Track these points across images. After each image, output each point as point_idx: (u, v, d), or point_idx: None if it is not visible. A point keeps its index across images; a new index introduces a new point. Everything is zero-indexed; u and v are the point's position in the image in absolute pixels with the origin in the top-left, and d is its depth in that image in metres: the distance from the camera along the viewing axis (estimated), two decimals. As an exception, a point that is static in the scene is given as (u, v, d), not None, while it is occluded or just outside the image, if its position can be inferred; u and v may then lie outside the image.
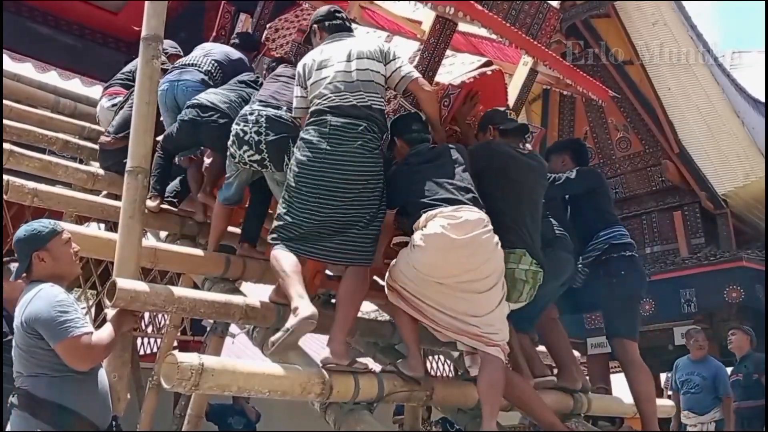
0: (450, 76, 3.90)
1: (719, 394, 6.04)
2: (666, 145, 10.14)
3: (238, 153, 3.41)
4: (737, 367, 6.17)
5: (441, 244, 2.84)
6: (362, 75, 3.11)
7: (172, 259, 3.53)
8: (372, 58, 3.18)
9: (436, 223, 2.88)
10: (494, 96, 3.82)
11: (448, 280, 2.88)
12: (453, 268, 2.88)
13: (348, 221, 2.95)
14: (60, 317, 2.46)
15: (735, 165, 9.53)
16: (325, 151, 2.94)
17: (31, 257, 2.62)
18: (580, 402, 3.83)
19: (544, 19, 4.22)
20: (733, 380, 6.16)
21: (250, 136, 3.33)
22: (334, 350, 2.84)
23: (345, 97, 3.04)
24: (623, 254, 3.62)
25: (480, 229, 2.91)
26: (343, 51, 3.19)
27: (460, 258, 2.87)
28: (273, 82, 3.64)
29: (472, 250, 2.88)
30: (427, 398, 3.19)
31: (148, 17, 3.26)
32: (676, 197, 10.47)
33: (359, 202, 2.96)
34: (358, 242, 2.96)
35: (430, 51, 3.63)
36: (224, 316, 3.17)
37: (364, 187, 2.97)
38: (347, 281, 3.01)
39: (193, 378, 2.37)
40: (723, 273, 9.10)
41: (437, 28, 3.61)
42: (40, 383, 2.48)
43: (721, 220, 9.89)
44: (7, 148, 4.04)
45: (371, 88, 3.11)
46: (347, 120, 2.99)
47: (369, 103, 3.07)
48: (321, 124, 3.00)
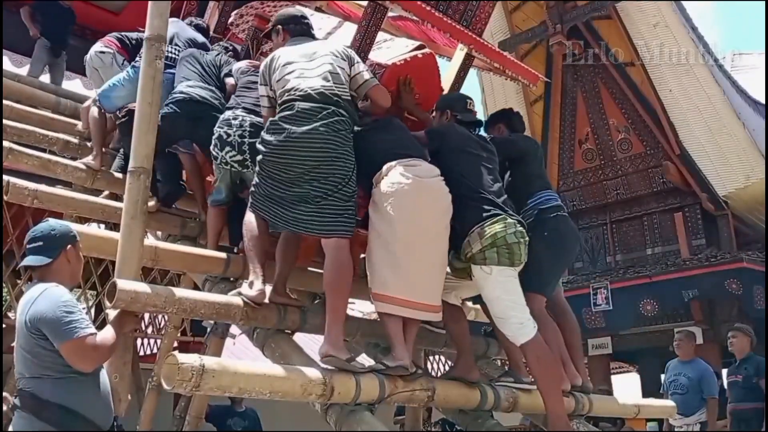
0: (383, 57, 4.09)
1: (704, 395, 6.05)
2: (667, 147, 10.15)
3: (220, 154, 3.54)
4: (737, 369, 6.16)
5: (408, 187, 3.01)
6: (329, 68, 3.20)
7: (173, 257, 3.52)
8: (337, 57, 3.27)
9: (397, 171, 3.07)
10: (427, 78, 4.04)
11: (417, 226, 3.02)
12: (422, 211, 3.04)
13: (313, 193, 3.00)
14: (65, 318, 2.46)
15: (736, 166, 9.54)
16: (291, 132, 3.01)
17: (63, 249, 2.65)
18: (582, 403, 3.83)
19: (478, 7, 4.37)
20: (732, 381, 6.15)
21: (233, 138, 3.49)
22: (331, 342, 2.85)
23: (313, 86, 3.11)
24: (550, 216, 3.67)
25: (437, 175, 3.14)
26: (308, 49, 3.29)
27: (427, 201, 3.06)
28: (251, 90, 3.74)
29: (436, 195, 3.10)
30: (428, 399, 3.18)
31: (151, 17, 3.26)
32: (677, 198, 10.48)
33: (324, 177, 3.00)
34: (324, 212, 3.00)
35: (362, 33, 3.88)
36: (225, 317, 3.16)
37: (330, 165, 3.01)
38: (327, 266, 3.02)
39: (194, 379, 2.36)
40: (724, 274, 9.11)
41: (369, 11, 3.89)
42: (43, 384, 2.48)
43: (721, 221, 9.90)
44: (6, 145, 4.03)
45: (338, 80, 3.19)
46: (314, 104, 3.07)
47: (338, 92, 3.14)
48: (289, 108, 3.08)
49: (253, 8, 5.18)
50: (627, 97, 10.74)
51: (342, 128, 3.08)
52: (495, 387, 3.45)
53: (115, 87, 4.48)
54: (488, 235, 3.11)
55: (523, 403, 3.50)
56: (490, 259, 3.11)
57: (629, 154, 10.90)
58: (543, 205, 3.68)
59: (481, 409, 3.43)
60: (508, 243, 3.12)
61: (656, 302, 9.61)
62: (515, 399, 3.48)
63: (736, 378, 6.10)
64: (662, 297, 9.56)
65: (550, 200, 3.72)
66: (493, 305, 3.23)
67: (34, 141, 4.75)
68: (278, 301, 3.19)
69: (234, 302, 3.09)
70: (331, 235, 3.01)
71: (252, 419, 6.79)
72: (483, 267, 3.14)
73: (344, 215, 3.03)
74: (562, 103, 11.48)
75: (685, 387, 6.12)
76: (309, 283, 3.85)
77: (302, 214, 3.01)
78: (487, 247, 3.10)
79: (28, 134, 4.77)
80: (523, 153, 3.89)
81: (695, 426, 6.04)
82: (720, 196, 9.77)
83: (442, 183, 3.17)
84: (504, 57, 4.73)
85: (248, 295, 3.06)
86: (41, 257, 2.65)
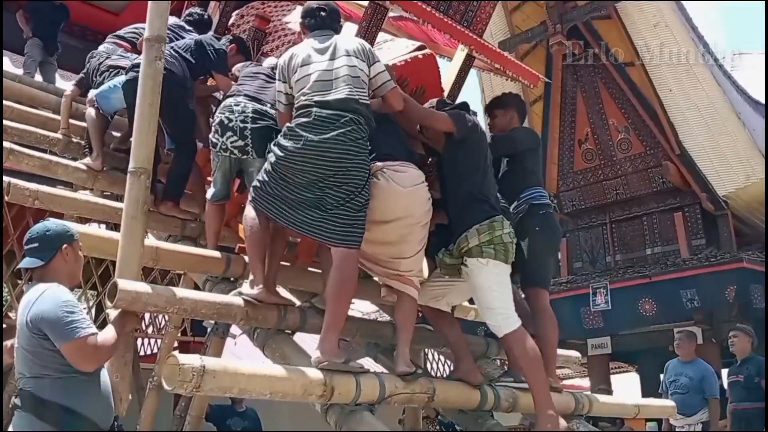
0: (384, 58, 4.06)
1: (706, 395, 6.05)
2: (667, 147, 10.15)
3: (220, 140, 3.53)
4: (738, 369, 6.16)
5: (387, 191, 3.11)
6: (348, 71, 3.13)
7: (173, 257, 3.53)
8: (357, 56, 3.20)
9: (383, 174, 3.14)
10: (428, 78, 4.09)
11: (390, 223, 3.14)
12: (397, 213, 3.14)
13: (325, 200, 2.99)
14: (67, 317, 2.46)
15: (736, 166, 9.53)
16: (308, 140, 2.98)
17: (59, 249, 2.65)
18: (582, 403, 3.84)
19: (479, 7, 4.38)
20: (733, 381, 6.15)
21: (235, 124, 3.49)
22: (324, 349, 2.84)
23: (330, 91, 3.07)
24: (540, 213, 3.80)
25: (419, 182, 3.20)
26: (327, 48, 3.21)
27: (404, 204, 3.15)
28: (253, 79, 3.76)
29: (411, 201, 3.16)
30: (428, 400, 3.18)
31: (151, 18, 3.26)
32: (676, 198, 10.47)
33: (338, 186, 2.98)
34: (335, 220, 2.98)
35: (362, 33, 3.89)
36: (225, 317, 3.17)
37: (345, 174, 2.98)
38: (332, 275, 3.01)
39: (195, 380, 2.36)
40: (724, 274, 9.11)
41: (369, 12, 3.91)
42: (44, 384, 2.48)
43: (721, 221, 9.90)
44: (6, 146, 4.03)
45: (357, 83, 3.13)
46: (332, 111, 3.02)
47: (356, 96, 3.08)
48: (307, 115, 3.05)
49: (253, 8, 5.19)
50: (627, 97, 10.73)
51: (359, 136, 3.04)
52: (495, 387, 3.46)
53: (115, 89, 4.48)
54: (487, 233, 3.26)
55: (523, 403, 3.51)
56: (487, 253, 3.26)
57: (629, 154, 10.89)
58: (534, 201, 3.81)
59: (481, 410, 3.44)
60: (504, 242, 3.30)
61: (656, 302, 9.61)
62: (515, 399, 3.49)
63: (737, 378, 6.10)
64: (662, 297, 9.55)
65: (541, 197, 3.85)
66: (484, 295, 3.32)
67: (35, 141, 4.76)
68: (271, 300, 3.18)
69: (235, 302, 3.09)
70: (339, 244, 2.99)
71: (251, 419, 6.79)
72: (480, 259, 3.26)
73: (354, 225, 3.00)
74: (561, 103, 11.47)
75: (686, 387, 6.12)
76: (309, 283, 3.85)
77: (312, 219, 2.99)
78: (485, 243, 3.25)
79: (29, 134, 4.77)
80: (524, 150, 3.94)
81: (697, 426, 6.04)
82: (720, 196, 9.76)
83: (422, 190, 3.22)
84: (504, 57, 4.75)
85: (250, 294, 3.06)
86: (36, 258, 2.65)
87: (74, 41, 8.36)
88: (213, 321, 4.50)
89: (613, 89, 11.00)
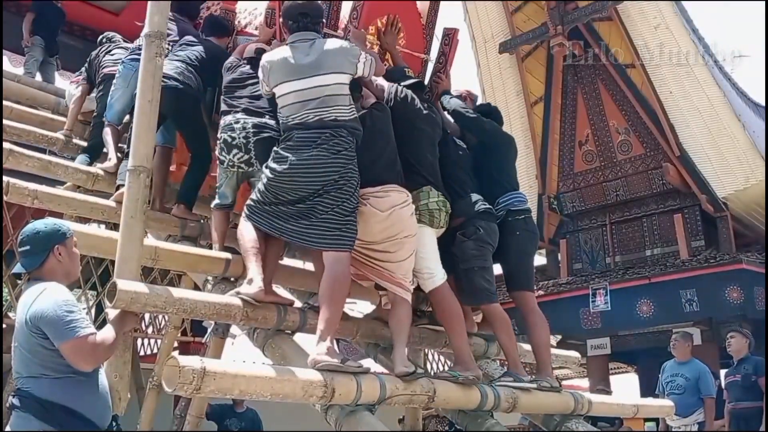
0: None
1: (702, 395, 6.06)
2: (667, 148, 10.15)
3: (227, 158, 3.66)
4: (736, 369, 6.18)
5: (368, 216, 3.24)
6: (326, 90, 3.19)
7: (173, 257, 3.52)
8: (337, 71, 3.23)
9: (365, 199, 3.27)
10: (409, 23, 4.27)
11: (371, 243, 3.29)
12: (377, 235, 3.28)
13: (314, 209, 3.10)
14: (66, 317, 2.45)
15: (735, 168, 9.54)
16: (292, 161, 3.12)
17: (50, 250, 2.64)
18: (581, 403, 3.83)
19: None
20: (731, 381, 6.18)
21: (239, 141, 3.62)
22: (319, 351, 2.86)
23: (308, 114, 3.18)
24: (518, 218, 3.94)
25: (399, 203, 3.31)
26: (305, 65, 3.23)
27: (384, 227, 3.27)
28: (242, 87, 3.79)
29: (392, 222, 3.28)
30: (429, 400, 3.18)
31: (151, 14, 3.26)
32: (676, 200, 10.48)
33: (327, 194, 3.10)
34: (324, 225, 3.08)
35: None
36: (225, 318, 3.16)
37: (334, 185, 3.11)
38: (324, 278, 3.07)
39: (195, 381, 2.36)
40: (723, 275, 9.12)
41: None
42: (42, 384, 2.47)
43: (721, 222, 9.90)
44: (6, 147, 4.03)
45: (337, 101, 3.20)
46: (311, 132, 3.15)
47: (333, 116, 3.18)
48: (289, 138, 3.20)
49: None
50: (627, 99, 10.74)
51: (342, 148, 3.14)
52: (495, 387, 3.46)
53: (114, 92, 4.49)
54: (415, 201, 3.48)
55: (523, 403, 3.51)
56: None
57: (629, 156, 10.90)
58: (513, 207, 3.95)
59: (481, 410, 3.44)
60: (429, 209, 3.54)
61: (655, 303, 9.62)
62: (515, 399, 3.48)
63: (735, 378, 6.12)
64: (661, 298, 9.56)
65: (520, 203, 4.01)
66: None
67: (34, 141, 4.76)
68: (268, 300, 3.19)
69: (234, 302, 3.08)
70: (329, 248, 3.09)
71: (250, 420, 6.80)
72: None
73: (344, 229, 3.09)
74: (562, 105, 11.47)
75: (682, 387, 6.15)
76: (308, 282, 3.85)
77: (303, 227, 3.11)
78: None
79: (28, 134, 4.77)
80: (493, 144, 4.09)
81: (693, 426, 6.07)
82: (719, 198, 9.76)
83: (404, 210, 3.33)
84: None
85: (248, 293, 3.06)
86: (29, 261, 2.65)
87: (74, 41, 8.35)
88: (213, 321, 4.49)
89: (613, 90, 11.01)
